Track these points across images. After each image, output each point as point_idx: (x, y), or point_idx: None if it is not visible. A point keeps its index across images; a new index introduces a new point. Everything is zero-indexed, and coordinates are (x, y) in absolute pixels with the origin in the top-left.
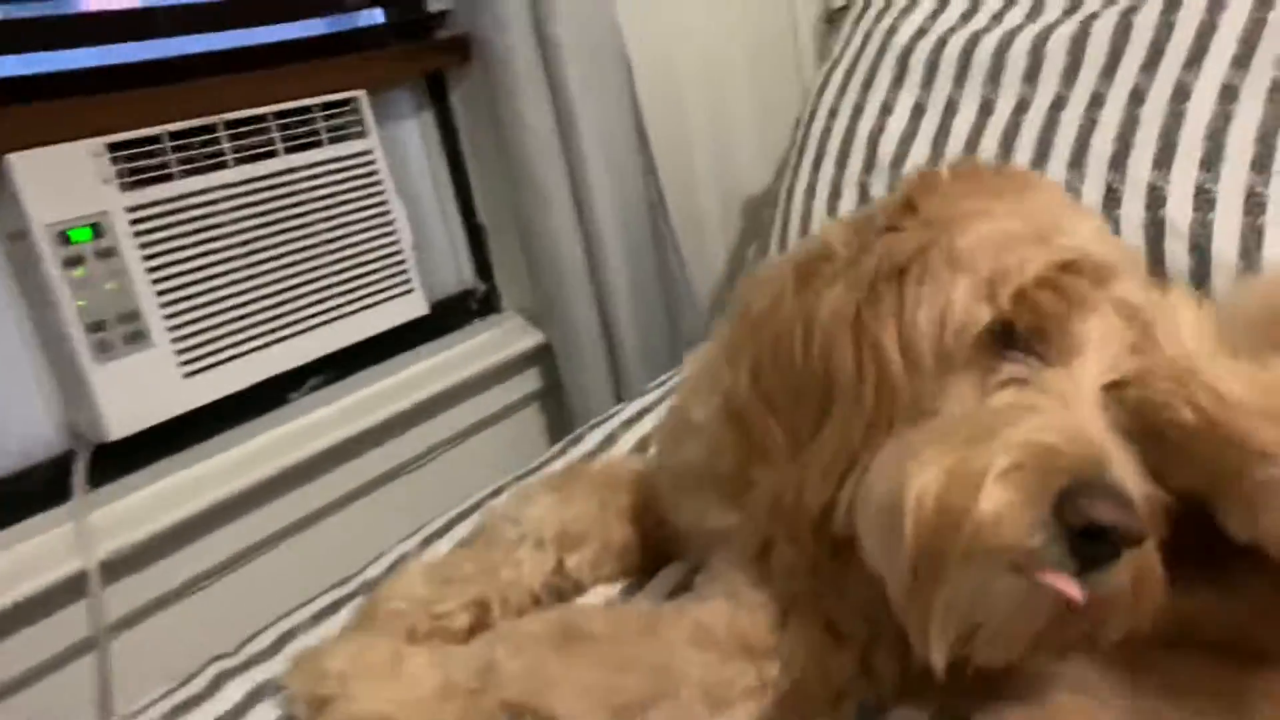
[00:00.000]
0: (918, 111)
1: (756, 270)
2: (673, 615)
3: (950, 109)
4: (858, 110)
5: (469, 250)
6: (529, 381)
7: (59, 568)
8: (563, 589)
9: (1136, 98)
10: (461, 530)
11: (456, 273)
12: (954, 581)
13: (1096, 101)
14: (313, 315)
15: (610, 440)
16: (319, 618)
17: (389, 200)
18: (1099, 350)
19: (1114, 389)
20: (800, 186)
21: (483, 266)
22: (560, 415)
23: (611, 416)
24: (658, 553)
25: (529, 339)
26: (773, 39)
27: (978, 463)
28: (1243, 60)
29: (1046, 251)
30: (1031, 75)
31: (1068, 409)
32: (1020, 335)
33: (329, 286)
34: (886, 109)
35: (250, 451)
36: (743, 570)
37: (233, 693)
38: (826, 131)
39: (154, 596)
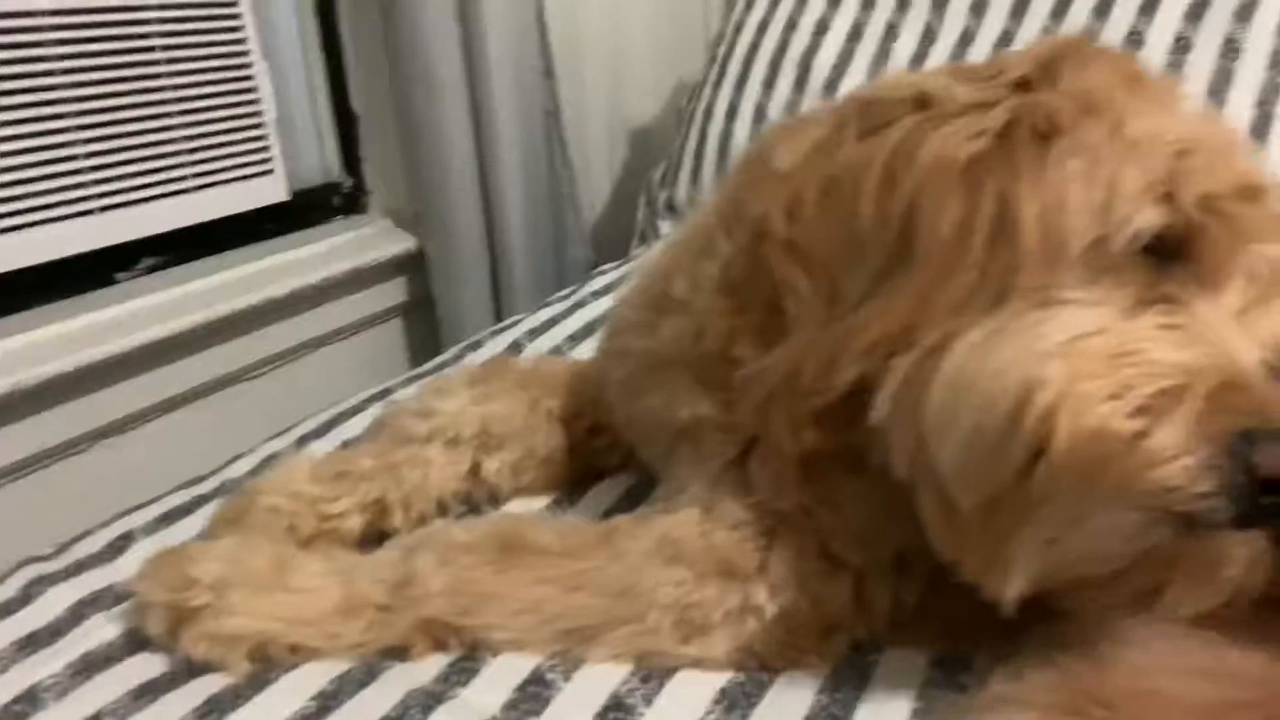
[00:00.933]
0: (855, 33)
1: (772, 128)
2: (634, 528)
3: (890, 34)
4: (790, 27)
5: (337, 139)
6: (394, 292)
7: None
8: (475, 497)
9: None
10: (347, 430)
11: (321, 162)
12: (1080, 513)
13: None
14: (153, 183)
15: (515, 349)
16: (166, 520)
17: (253, 62)
18: (1245, 289)
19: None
20: (720, 106)
21: (351, 159)
22: (426, 332)
23: (513, 325)
24: (588, 465)
25: (398, 244)
26: None
27: (1153, 384)
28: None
29: (1235, 167)
30: (979, 7)
31: (1236, 344)
32: (1179, 251)
33: (174, 153)
34: (822, 27)
35: (67, 332)
36: (716, 478)
37: (54, 601)
38: (753, 48)
39: None
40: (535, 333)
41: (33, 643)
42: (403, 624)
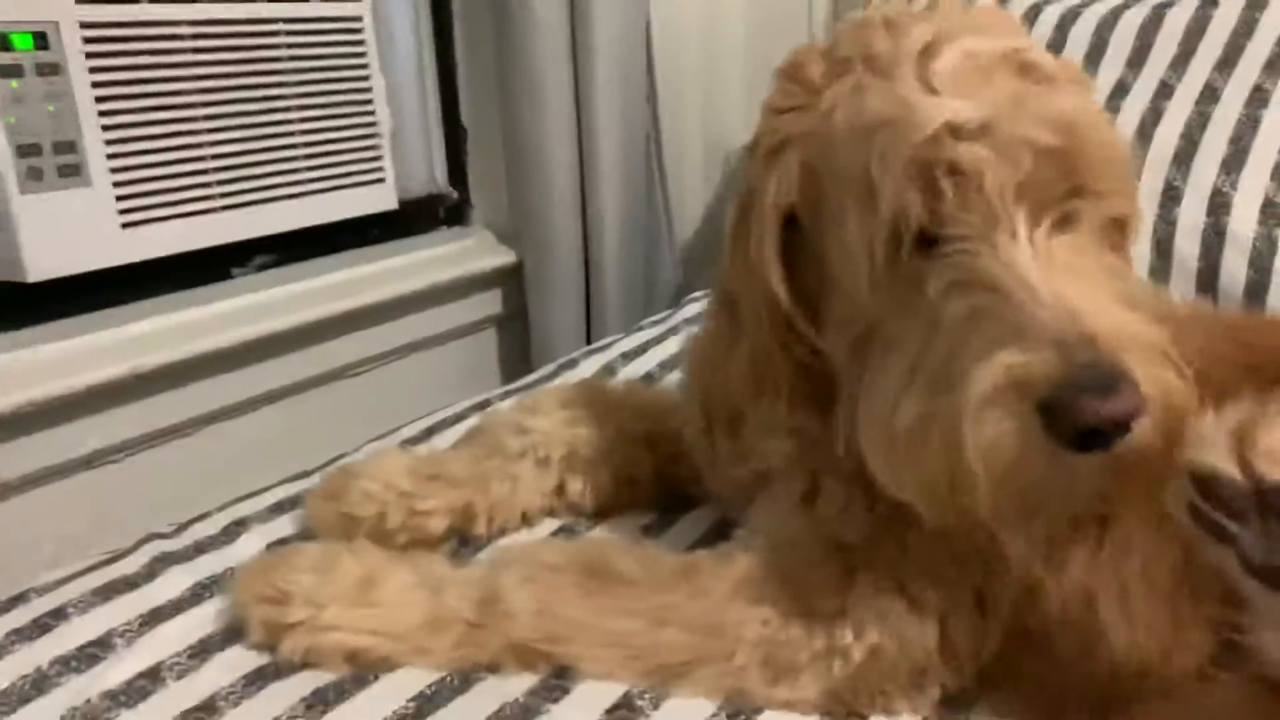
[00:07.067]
0: None
1: None
2: (716, 563)
3: None
4: None
5: (445, 152)
6: (491, 303)
7: None
8: (559, 514)
9: (1209, 95)
10: (446, 438)
11: (428, 174)
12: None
13: (1164, 92)
14: (272, 186)
15: (609, 371)
16: (277, 510)
17: (372, 76)
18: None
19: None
20: None
21: (457, 172)
22: (518, 344)
23: (608, 346)
24: (669, 491)
25: (498, 257)
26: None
27: (951, 405)
28: None
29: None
30: (1094, 56)
31: (1027, 292)
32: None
33: (294, 158)
34: None
35: (183, 322)
36: (791, 517)
37: (176, 581)
38: None
39: (60, 460)
40: (629, 356)
41: (155, 619)
42: (493, 645)
